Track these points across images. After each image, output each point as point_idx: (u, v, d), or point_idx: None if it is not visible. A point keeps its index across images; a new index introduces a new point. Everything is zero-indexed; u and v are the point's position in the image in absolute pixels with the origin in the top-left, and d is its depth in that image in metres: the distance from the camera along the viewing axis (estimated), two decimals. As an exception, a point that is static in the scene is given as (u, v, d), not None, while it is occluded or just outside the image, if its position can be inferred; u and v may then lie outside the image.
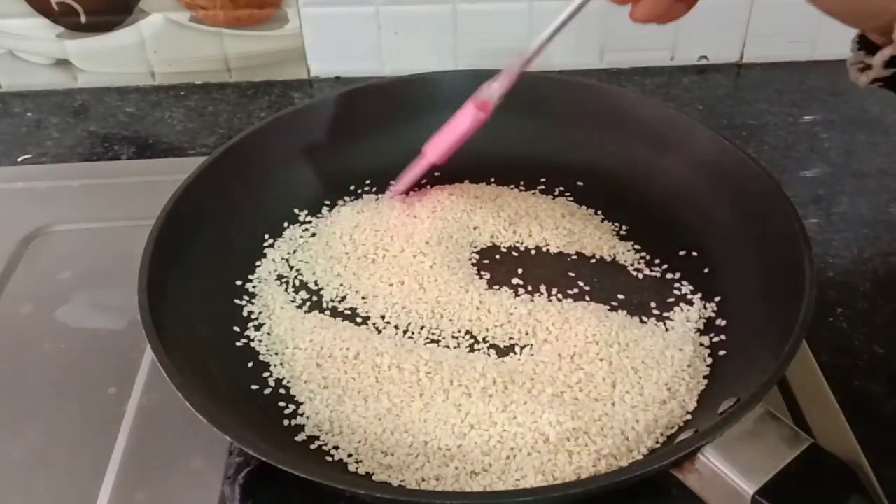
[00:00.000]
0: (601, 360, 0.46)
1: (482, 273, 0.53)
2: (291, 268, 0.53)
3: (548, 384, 0.45)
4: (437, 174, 0.59)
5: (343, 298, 0.51)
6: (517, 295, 0.51)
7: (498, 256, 0.54)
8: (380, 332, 0.49)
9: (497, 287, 0.52)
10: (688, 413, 0.44)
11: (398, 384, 0.45)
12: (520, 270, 0.53)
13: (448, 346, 0.48)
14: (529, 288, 0.52)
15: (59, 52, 0.75)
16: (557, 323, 0.48)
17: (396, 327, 0.49)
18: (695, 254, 0.53)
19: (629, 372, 0.45)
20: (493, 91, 0.51)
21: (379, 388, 0.45)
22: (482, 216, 0.56)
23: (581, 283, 0.52)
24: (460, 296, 0.51)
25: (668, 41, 0.78)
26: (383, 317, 0.50)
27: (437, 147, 0.53)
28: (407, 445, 0.42)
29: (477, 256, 0.54)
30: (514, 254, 0.55)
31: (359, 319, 0.50)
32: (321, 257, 0.54)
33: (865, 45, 0.42)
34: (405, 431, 0.43)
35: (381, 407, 0.44)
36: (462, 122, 0.52)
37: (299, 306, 0.51)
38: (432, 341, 0.48)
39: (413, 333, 0.49)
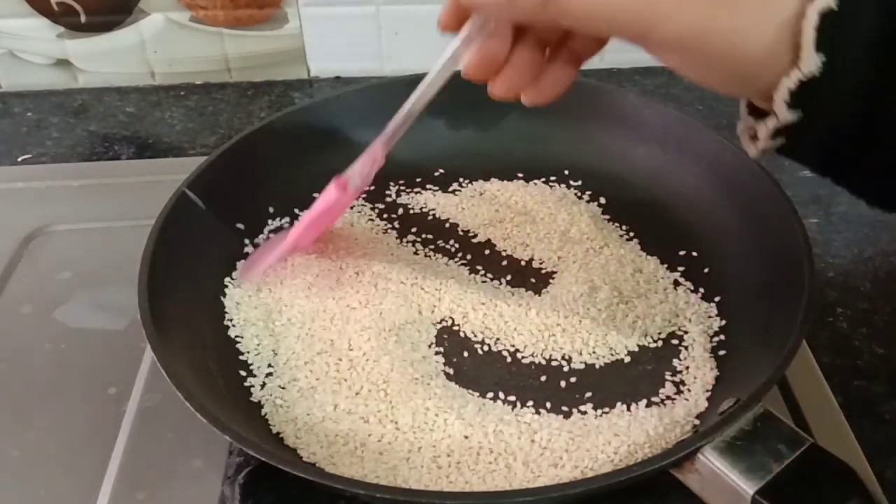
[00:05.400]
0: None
1: (474, 267, 0.53)
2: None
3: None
4: (436, 174, 0.60)
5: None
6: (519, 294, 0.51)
7: (491, 252, 0.54)
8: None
9: (496, 281, 0.52)
10: (688, 413, 0.44)
11: (396, 384, 0.44)
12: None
13: (444, 338, 0.48)
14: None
15: (59, 52, 0.75)
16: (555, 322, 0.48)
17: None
18: (695, 254, 0.53)
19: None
20: (353, 172, 0.47)
21: (382, 387, 0.45)
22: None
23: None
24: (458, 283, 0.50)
25: (668, 41, 0.77)
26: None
27: (299, 228, 0.49)
28: (404, 447, 0.42)
29: (470, 256, 0.54)
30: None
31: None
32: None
33: (755, 110, 0.37)
34: (401, 431, 0.43)
35: (375, 407, 0.44)
36: (322, 203, 0.48)
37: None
38: (442, 330, 0.48)
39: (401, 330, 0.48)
